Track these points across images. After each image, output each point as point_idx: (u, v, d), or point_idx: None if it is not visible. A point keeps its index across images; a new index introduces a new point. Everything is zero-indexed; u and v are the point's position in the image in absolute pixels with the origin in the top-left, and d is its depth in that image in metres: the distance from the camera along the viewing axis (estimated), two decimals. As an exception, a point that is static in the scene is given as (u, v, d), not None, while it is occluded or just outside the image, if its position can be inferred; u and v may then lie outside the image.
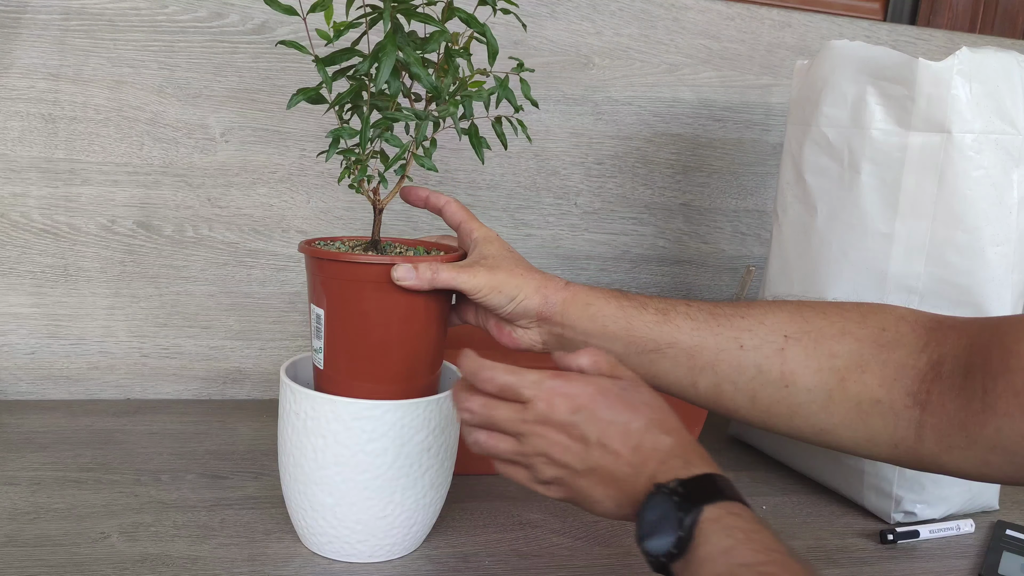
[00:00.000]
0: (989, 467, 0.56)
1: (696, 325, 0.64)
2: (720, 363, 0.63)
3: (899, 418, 0.59)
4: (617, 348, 0.65)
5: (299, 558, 0.70)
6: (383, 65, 0.61)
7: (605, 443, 0.54)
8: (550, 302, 0.67)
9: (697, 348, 0.64)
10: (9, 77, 0.94)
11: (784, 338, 0.62)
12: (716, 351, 0.64)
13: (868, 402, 0.60)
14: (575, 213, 1.14)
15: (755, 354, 0.63)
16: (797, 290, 0.91)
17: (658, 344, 0.64)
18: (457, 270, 0.65)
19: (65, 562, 0.66)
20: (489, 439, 0.57)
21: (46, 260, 0.98)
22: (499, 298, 0.66)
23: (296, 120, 1.02)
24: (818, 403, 0.61)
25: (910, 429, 0.58)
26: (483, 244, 0.69)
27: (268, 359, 1.06)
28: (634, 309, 0.66)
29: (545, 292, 0.67)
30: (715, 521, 0.49)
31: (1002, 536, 0.83)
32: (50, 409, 0.97)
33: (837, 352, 0.61)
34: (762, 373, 0.63)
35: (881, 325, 0.62)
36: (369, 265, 0.65)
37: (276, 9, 0.64)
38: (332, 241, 0.74)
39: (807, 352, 0.62)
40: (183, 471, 0.84)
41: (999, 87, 0.80)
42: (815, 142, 0.88)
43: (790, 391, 0.62)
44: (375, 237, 0.72)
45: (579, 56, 1.10)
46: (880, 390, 0.59)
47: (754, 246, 1.23)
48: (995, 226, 0.81)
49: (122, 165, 0.98)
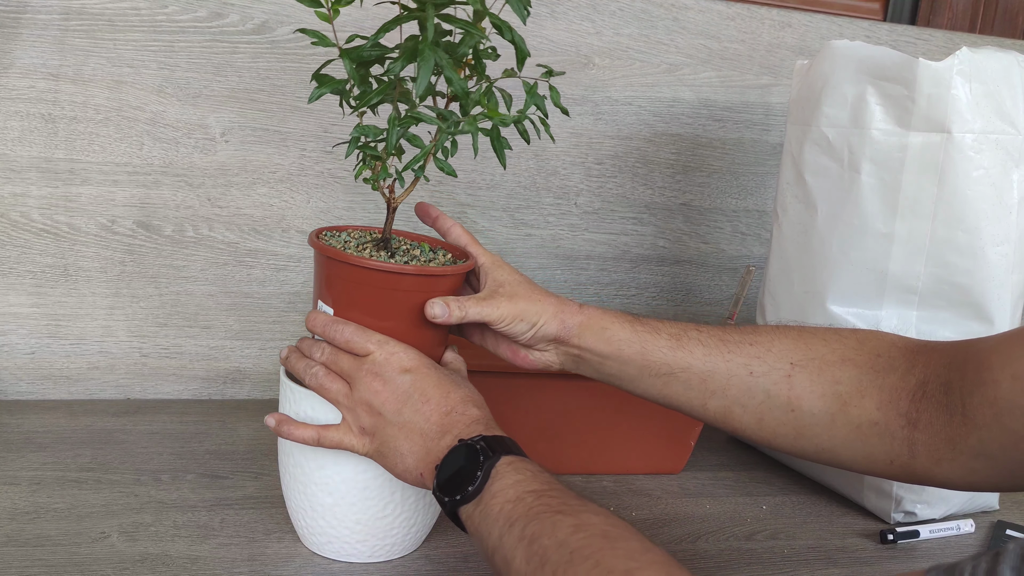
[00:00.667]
0: (975, 475, 0.59)
1: (708, 351, 0.68)
2: (731, 388, 0.67)
3: (894, 437, 0.62)
4: (631, 371, 0.69)
5: (299, 558, 0.70)
6: (422, 72, 0.60)
7: (423, 401, 0.64)
8: (567, 326, 0.70)
9: (709, 373, 0.68)
10: (9, 77, 0.94)
11: (791, 365, 0.66)
12: (727, 376, 0.67)
13: (867, 424, 0.63)
14: (575, 213, 1.14)
15: (764, 380, 0.66)
16: (797, 289, 0.91)
17: (672, 368, 0.68)
18: (481, 304, 0.68)
19: (65, 562, 0.66)
20: (327, 377, 0.66)
21: (46, 260, 0.98)
22: (521, 326, 0.69)
23: (296, 120, 1.02)
24: (821, 425, 0.65)
25: (904, 446, 0.62)
26: (493, 271, 0.71)
27: (268, 359, 1.06)
28: (648, 334, 0.69)
29: (562, 317, 0.70)
30: (509, 464, 0.58)
31: (1002, 536, 0.83)
32: (50, 409, 0.97)
33: (840, 379, 0.65)
34: (770, 398, 0.66)
35: (876, 351, 0.65)
36: (387, 274, 0.66)
37: (302, 2, 0.62)
38: (339, 231, 0.74)
39: (812, 379, 0.65)
40: (183, 471, 0.84)
41: (999, 87, 0.80)
42: (815, 142, 0.88)
43: (796, 415, 0.66)
44: (386, 235, 0.72)
45: (579, 56, 1.10)
46: (878, 413, 0.63)
47: (754, 246, 1.23)
48: (995, 226, 0.81)
49: (122, 165, 0.98)
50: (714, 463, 0.98)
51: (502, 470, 0.58)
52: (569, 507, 0.54)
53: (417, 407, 0.64)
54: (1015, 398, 0.55)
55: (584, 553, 0.49)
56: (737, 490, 0.92)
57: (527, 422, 0.88)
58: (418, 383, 0.64)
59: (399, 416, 0.64)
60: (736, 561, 0.77)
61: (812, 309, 0.88)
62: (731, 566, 0.77)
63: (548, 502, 0.54)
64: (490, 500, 0.57)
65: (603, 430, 0.91)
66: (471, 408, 0.64)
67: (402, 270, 0.66)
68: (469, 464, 0.59)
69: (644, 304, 1.19)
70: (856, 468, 0.66)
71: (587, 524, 0.52)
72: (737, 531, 0.83)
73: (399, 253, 0.70)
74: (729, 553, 0.79)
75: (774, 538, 0.82)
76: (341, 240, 0.72)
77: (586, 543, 0.50)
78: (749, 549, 0.80)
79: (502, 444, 0.60)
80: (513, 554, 0.53)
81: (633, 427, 0.91)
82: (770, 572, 0.76)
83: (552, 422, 0.89)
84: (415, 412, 0.63)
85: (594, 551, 0.49)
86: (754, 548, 0.80)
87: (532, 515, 0.54)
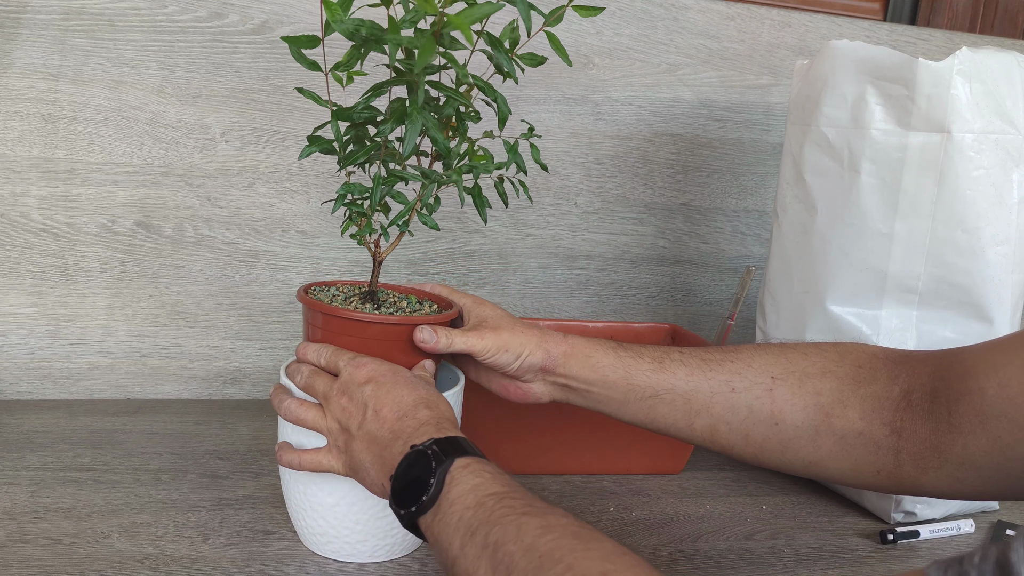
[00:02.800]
0: (961, 484, 0.60)
1: (690, 371, 0.69)
2: (714, 405, 0.67)
3: (879, 447, 0.63)
4: (617, 395, 0.69)
5: (299, 558, 0.70)
6: (410, 134, 0.63)
7: (377, 410, 0.62)
8: (552, 355, 0.70)
9: (692, 392, 0.68)
10: (9, 77, 0.94)
11: (771, 379, 0.67)
12: (710, 394, 0.68)
13: (852, 435, 0.64)
14: (575, 213, 1.14)
15: (746, 395, 0.67)
16: (797, 289, 0.91)
17: (655, 390, 0.68)
18: (466, 335, 0.69)
19: (65, 562, 0.66)
20: (300, 408, 0.66)
21: (46, 260, 0.98)
22: (506, 357, 0.70)
23: (296, 120, 1.02)
24: (806, 438, 0.65)
25: (889, 456, 0.62)
26: (476, 308, 0.73)
27: (268, 359, 1.06)
28: (631, 358, 0.70)
29: (546, 347, 0.70)
30: (465, 467, 0.55)
31: (1002, 536, 0.83)
32: (50, 409, 0.97)
33: (821, 390, 0.65)
34: (753, 413, 0.67)
35: (857, 363, 0.66)
36: (374, 324, 0.68)
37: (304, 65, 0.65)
38: (328, 286, 0.75)
39: (793, 391, 0.66)
40: (183, 471, 0.84)
41: (999, 87, 0.80)
42: (815, 142, 0.88)
43: (780, 428, 0.66)
44: (372, 287, 0.74)
45: (579, 56, 1.10)
46: (861, 423, 0.63)
47: (754, 246, 1.22)
48: (995, 226, 0.81)
49: (122, 165, 0.98)
50: (714, 463, 0.98)
51: (458, 474, 0.55)
52: (534, 508, 0.51)
53: (375, 416, 0.62)
54: (1001, 406, 0.55)
55: (555, 556, 0.46)
56: (737, 490, 0.92)
57: (527, 424, 0.88)
58: (376, 392, 0.63)
59: (361, 429, 0.62)
60: (736, 561, 0.77)
61: (812, 309, 0.88)
62: (731, 566, 0.77)
63: (511, 504, 0.51)
64: (448, 508, 0.53)
65: (603, 430, 0.91)
66: (421, 410, 0.61)
67: (387, 320, 0.68)
68: (422, 471, 0.55)
69: (644, 304, 1.19)
70: (844, 480, 0.66)
71: (555, 525, 0.49)
72: (737, 531, 0.83)
73: (386, 305, 0.72)
74: (729, 553, 0.79)
75: (774, 538, 0.82)
76: (329, 294, 0.73)
77: (556, 545, 0.47)
78: (749, 549, 0.80)
79: (455, 445, 0.57)
80: (476, 564, 0.49)
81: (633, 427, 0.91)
82: (770, 572, 0.76)
83: (552, 423, 0.89)
84: (373, 422, 0.62)
85: (565, 553, 0.46)
86: (754, 548, 0.80)
87: (494, 520, 0.50)
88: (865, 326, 0.85)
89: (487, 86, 0.68)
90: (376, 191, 0.68)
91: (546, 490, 0.88)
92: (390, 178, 0.68)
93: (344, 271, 1.07)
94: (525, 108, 1.09)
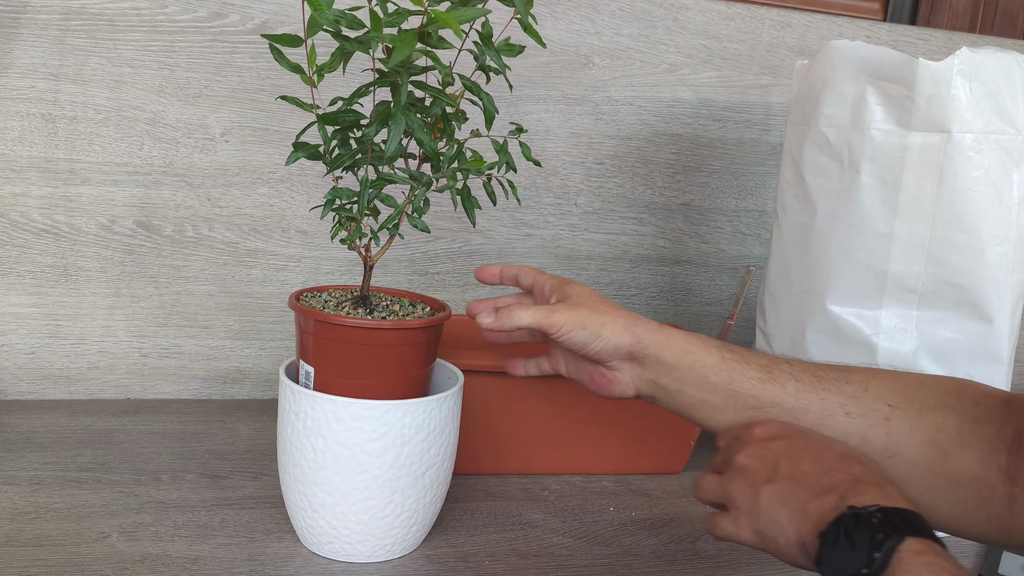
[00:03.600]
0: None
1: (801, 387, 0.64)
2: (824, 428, 0.62)
3: (993, 493, 0.58)
4: (715, 401, 0.65)
5: (299, 558, 0.70)
6: (393, 134, 0.62)
7: (796, 462, 0.54)
8: (642, 341, 0.66)
9: (801, 410, 0.63)
10: (9, 77, 0.94)
11: (889, 407, 0.62)
12: (821, 415, 0.63)
13: (967, 478, 0.58)
14: (575, 213, 1.14)
15: (861, 422, 0.62)
16: (797, 289, 0.91)
17: (761, 402, 0.64)
18: (537, 309, 0.65)
19: (65, 562, 0.66)
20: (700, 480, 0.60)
21: (46, 260, 0.98)
22: (583, 335, 0.66)
23: (296, 120, 1.02)
24: (918, 476, 0.60)
25: (1004, 504, 0.58)
26: (562, 286, 0.69)
27: (268, 359, 1.06)
28: (736, 363, 0.65)
29: (635, 330, 0.66)
30: (918, 554, 0.46)
31: (1002, 536, 0.83)
32: (50, 409, 0.97)
33: (941, 425, 0.60)
34: (867, 442, 0.61)
35: (974, 400, 0.61)
36: (366, 330, 0.67)
37: (284, 66, 0.64)
38: (319, 292, 0.75)
39: (912, 424, 0.61)
40: (183, 471, 0.84)
41: (999, 87, 0.80)
42: (815, 142, 0.88)
43: (892, 462, 0.61)
44: (364, 292, 0.73)
45: (579, 56, 1.10)
46: (979, 466, 0.58)
47: (754, 246, 1.23)
48: (995, 226, 0.81)
49: (122, 165, 0.98)
50: (714, 463, 0.98)
51: (907, 560, 0.46)
52: None
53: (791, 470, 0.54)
54: None
55: None
56: (737, 490, 0.92)
57: (527, 421, 0.88)
58: (788, 446, 0.56)
59: (772, 484, 0.55)
60: (736, 561, 0.77)
61: (812, 309, 0.88)
62: (731, 566, 0.77)
63: None
64: None
65: (603, 430, 0.91)
66: (853, 466, 0.54)
67: (379, 325, 0.67)
68: (859, 541, 0.47)
69: (644, 304, 1.19)
70: (949, 527, 0.60)
71: None
72: (737, 531, 0.83)
73: (378, 309, 0.72)
74: (729, 553, 0.78)
75: (774, 538, 0.82)
76: (321, 300, 0.73)
77: None
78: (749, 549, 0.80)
79: (903, 519, 0.48)
80: None
81: (633, 427, 0.91)
82: (770, 572, 0.76)
83: (552, 422, 0.89)
84: (788, 476, 0.54)
85: None
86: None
87: None
88: (865, 326, 0.85)
89: (474, 85, 0.68)
90: (363, 195, 0.67)
91: (546, 490, 0.88)
92: (378, 182, 0.67)
93: (344, 271, 1.07)
94: (525, 108, 1.09)
